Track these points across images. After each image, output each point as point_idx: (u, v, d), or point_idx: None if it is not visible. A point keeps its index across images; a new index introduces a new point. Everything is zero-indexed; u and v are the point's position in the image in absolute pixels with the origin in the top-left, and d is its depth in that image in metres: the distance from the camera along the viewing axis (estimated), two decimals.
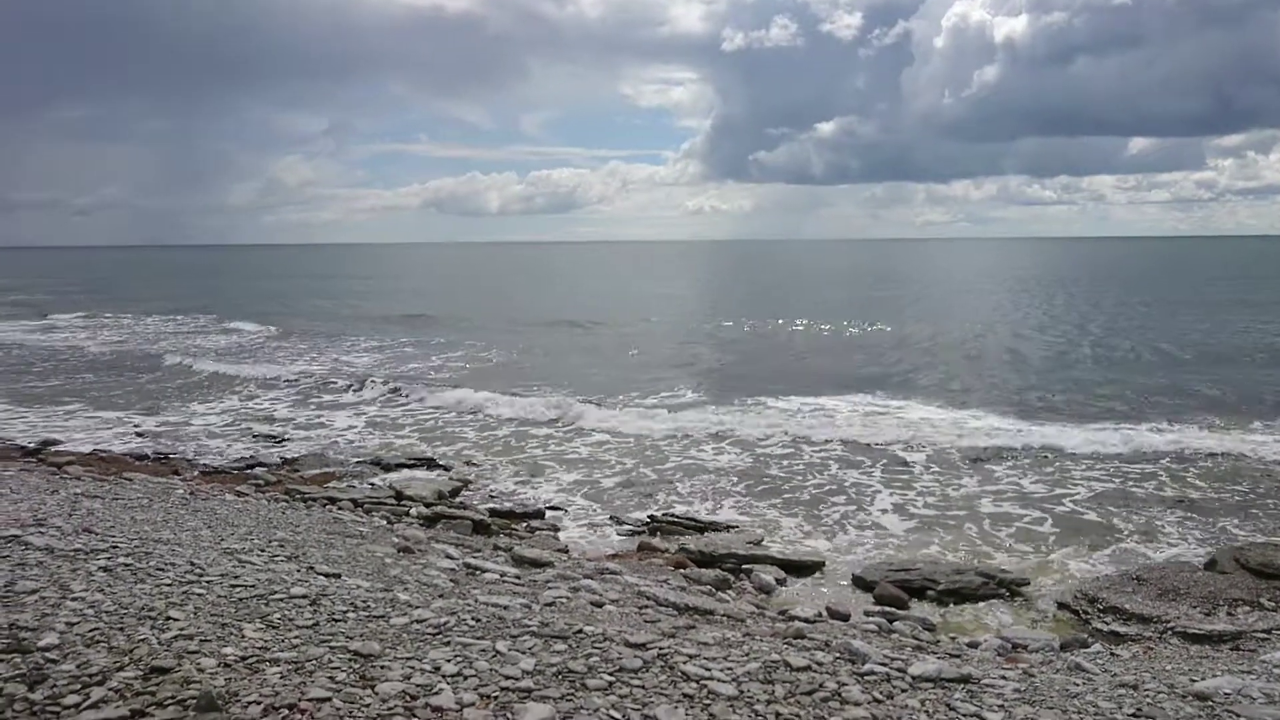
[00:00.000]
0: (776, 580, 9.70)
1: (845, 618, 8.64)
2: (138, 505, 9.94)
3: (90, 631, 4.45)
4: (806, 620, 8.15)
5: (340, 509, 11.49)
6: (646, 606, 7.85)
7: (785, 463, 15.81)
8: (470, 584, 7.71)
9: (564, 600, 7.59)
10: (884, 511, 13.01)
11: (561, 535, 11.60)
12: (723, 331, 39.54)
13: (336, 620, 4.84)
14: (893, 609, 8.90)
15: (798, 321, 41.82)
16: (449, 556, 9.21)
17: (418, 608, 5.21)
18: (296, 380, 26.42)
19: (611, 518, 12.28)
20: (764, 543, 11.18)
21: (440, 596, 6.91)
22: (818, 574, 10.29)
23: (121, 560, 6.03)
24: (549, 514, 12.53)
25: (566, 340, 37.03)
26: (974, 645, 8.00)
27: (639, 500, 13.70)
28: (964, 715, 4.05)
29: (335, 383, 25.55)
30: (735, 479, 14.79)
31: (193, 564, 6.16)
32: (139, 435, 17.91)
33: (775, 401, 21.74)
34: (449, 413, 21.06)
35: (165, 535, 7.80)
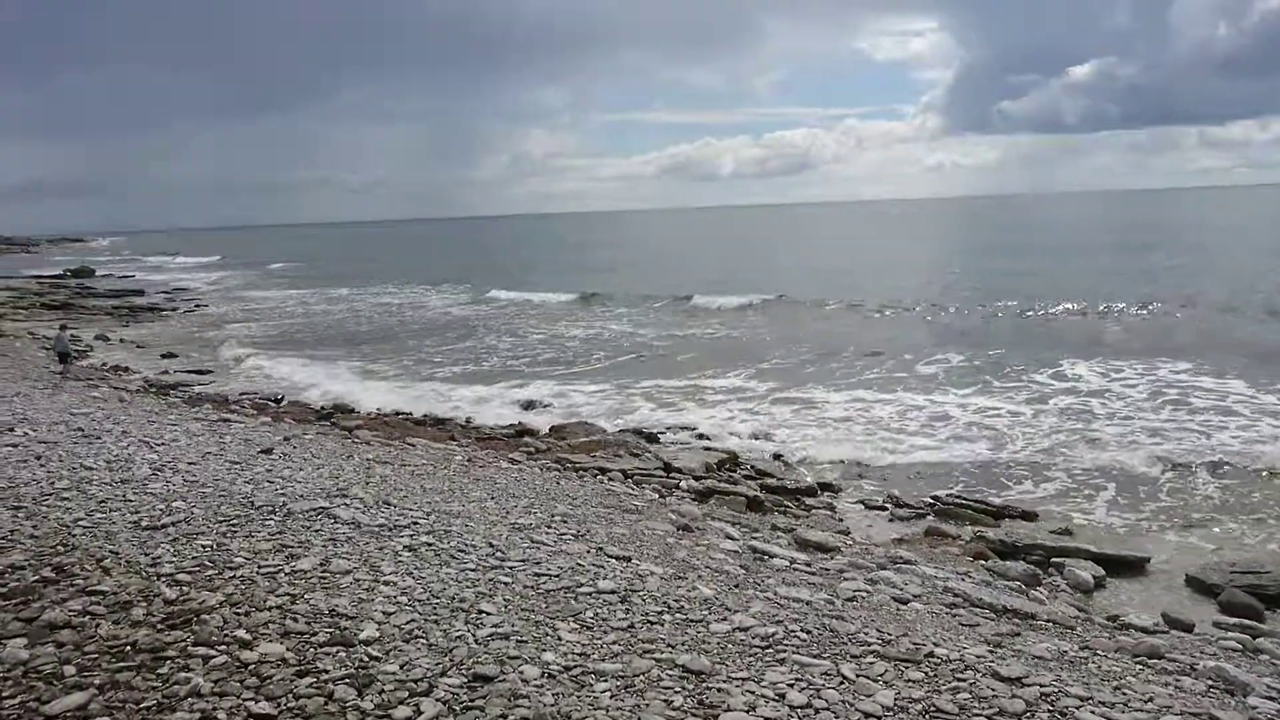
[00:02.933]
0: (1094, 578, 8.58)
1: (1189, 628, 7.48)
2: (424, 473, 10.14)
3: (407, 623, 4.27)
4: (1144, 630, 7.09)
5: (610, 480, 11.34)
6: (957, 606, 7.06)
7: (1075, 448, 14.22)
8: (761, 570, 7.22)
9: (864, 594, 6.96)
10: (1206, 500, 11.40)
11: (838, 514, 10.93)
12: (973, 308, 36.83)
13: (653, 623, 4.44)
14: (1249, 621, 7.61)
15: (1058, 304, 38.10)
16: (729, 537, 8.77)
17: (736, 612, 4.72)
18: (559, 346, 27.14)
19: (889, 497, 11.45)
20: (1070, 533, 10.01)
21: (736, 587, 6.46)
22: (1141, 572, 9.05)
23: (423, 539, 5.95)
24: (821, 492, 11.86)
25: (815, 315, 35.93)
26: None
27: (914, 479, 12.79)
28: None
29: (596, 351, 25.96)
30: (1017, 461, 13.49)
31: (491, 545, 6.00)
32: (415, 399, 18.79)
33: (1045, 377, 19.90)
34: (713, 379, 20.81)
35: (455, 507, 7.81)
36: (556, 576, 5.25)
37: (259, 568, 5.10)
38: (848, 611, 6.18)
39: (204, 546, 5.47)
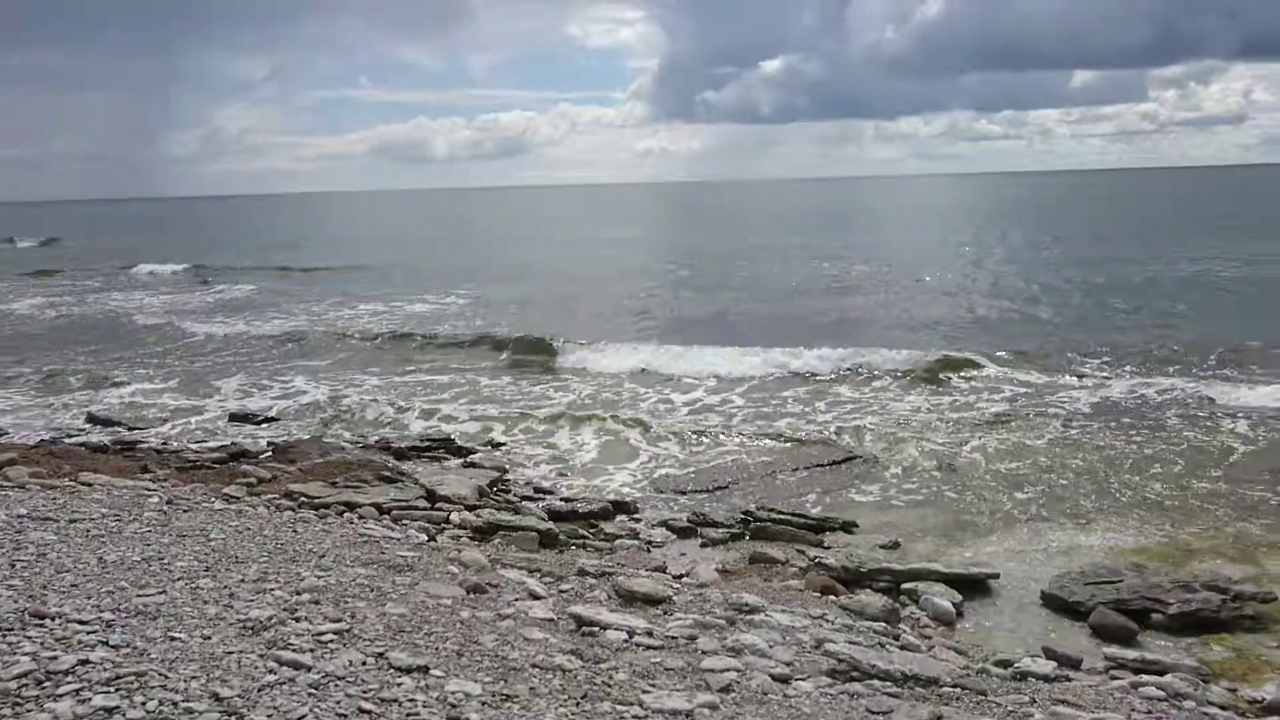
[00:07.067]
0: (954, 605, 7.51)
1: (1077, 664, 6.51)
2: (105, 531, 7.44)
3: None
4: (1044, 677, 5.97)
5: (363, 518, 9.09)
6: (845, 675, 5.60)
7: (841, 434, 13.72)
8: (601, 656, 5.42)
9: (736, 678, 5.35)
10: (1010, 492, 10.91)
11: (643, 540, 9.33)
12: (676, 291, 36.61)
13: None
14: (1131, 651, 6.75)
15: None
16: (535, 595, 6.89)
17: None
18: (273, 342, 23.73)
19: (695, 516, 9.98)
20: (899, 545, 9.02)
21: (584, 698, 4.63)
22: (988, 591, 8.13)
23: (99, 699, 3.62)
24: (617, 513, 10.24)
25: (544, 286, 34.33)
26: (1267, 706, 5.93)
27: (702, 485, 11.56)
28: None
29: (317, 343, 22.91)
30: (798, 458, 12.57)
31: (218, 696, 3.76)
32: (92, 421, 15.22)
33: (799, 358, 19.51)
34: (449, 375, 18.65)
35: (151, 598, 5.37)
36: None
37: None
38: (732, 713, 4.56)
39: None
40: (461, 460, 12.39)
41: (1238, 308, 24.74)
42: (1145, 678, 5.95)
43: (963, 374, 17.10)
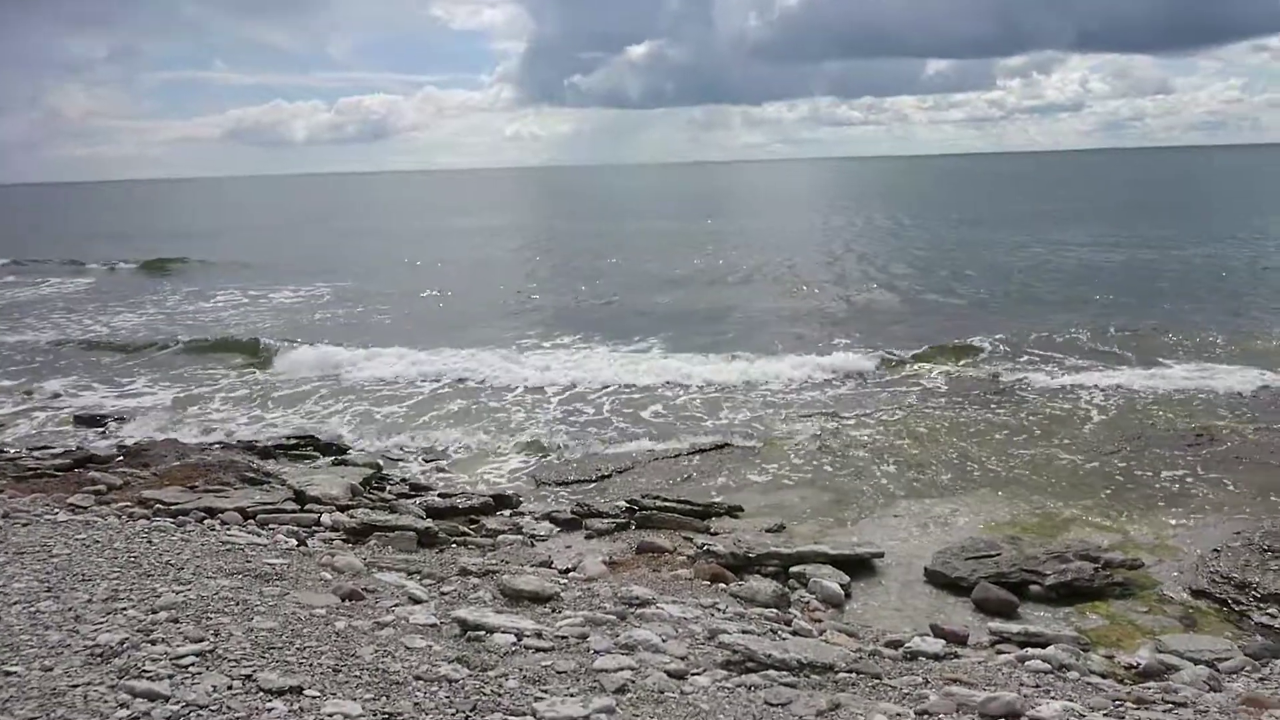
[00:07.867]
0: (842, 587, 7.52)
1: (964, 640, 6.60)
2: None
3: None
4: (934, 656, 6.02)
5: (226, 525, 8.52)
6: (740, 666, 5.49)
7: (716, 420, 13.84)
8: (488, 662, 5.14)
9: (630, 678, 5.16)
10: (887, 471, 11.09)
11: (526, 535, 9.05)
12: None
13: None
14: (1014, 625, 6.88)
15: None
16: (415, 599, 6.54)
17: None
18: (120, 339, 22.25)
19: (580, 506, 9.75)
20: (784, 528, 9.02)
21: (474, 711, 4.35)
22: (873, 570, 8.19)
23: None
24: (499, 507, 9.91)
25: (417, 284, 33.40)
26: (1142, 671, 6.13)
27: (584, 475, 11.38)
28: None
29: (165, 341, 21.58)
30: (677, 446, 12.54)
31: None
32: None
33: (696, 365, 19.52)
34: (314, 370, 17.86)
35: None
36: None
37: None
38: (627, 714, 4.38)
39: None
40: (332, 458, 11.82)
41: (1084, 289, 25.98)
42: (1030, 650, 6.06)
43: (831, 357, 17.30)
